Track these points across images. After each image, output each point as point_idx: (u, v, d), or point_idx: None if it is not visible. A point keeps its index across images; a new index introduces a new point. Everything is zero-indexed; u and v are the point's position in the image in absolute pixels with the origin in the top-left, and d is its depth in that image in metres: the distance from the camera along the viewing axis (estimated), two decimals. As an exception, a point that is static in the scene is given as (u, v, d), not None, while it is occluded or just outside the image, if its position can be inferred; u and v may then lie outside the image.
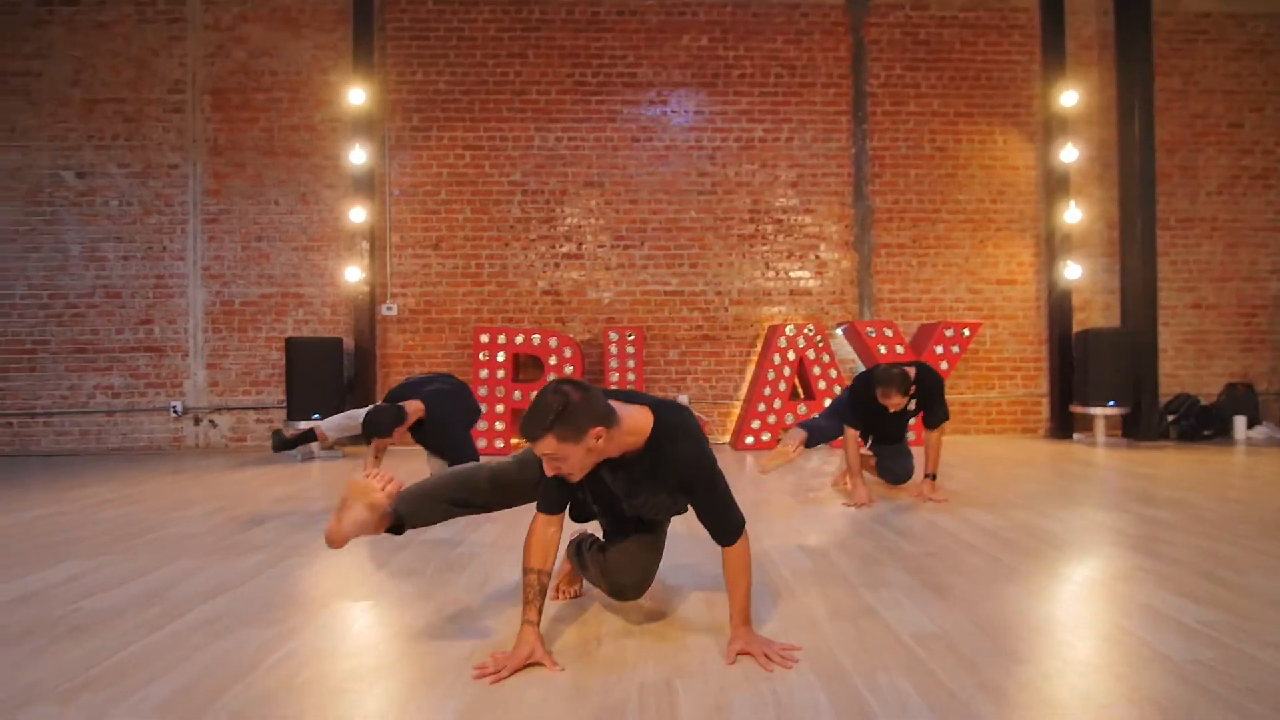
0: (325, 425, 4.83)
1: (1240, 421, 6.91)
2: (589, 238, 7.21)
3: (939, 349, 6.68)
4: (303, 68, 7.13)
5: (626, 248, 7.21)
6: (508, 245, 7.17)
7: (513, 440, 6.57)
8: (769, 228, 7.27)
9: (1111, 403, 6.63)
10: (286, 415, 6.36)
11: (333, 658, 2.03)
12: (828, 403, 6.51)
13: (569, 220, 7.20)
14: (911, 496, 4.20)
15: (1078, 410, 6.93)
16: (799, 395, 6.95)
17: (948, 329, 6.73)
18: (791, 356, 6.70)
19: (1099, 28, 7.34)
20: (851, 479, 4.11)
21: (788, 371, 6.70)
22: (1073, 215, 7.13)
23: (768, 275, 7.27)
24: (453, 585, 2.67)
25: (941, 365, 6.64)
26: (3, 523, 3.83)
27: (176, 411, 7.01)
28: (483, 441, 6.41)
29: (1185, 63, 7.34)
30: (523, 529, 2.16)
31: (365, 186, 6.99)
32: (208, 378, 7.06)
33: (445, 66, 7.16)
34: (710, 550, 2.99)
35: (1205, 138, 7.36)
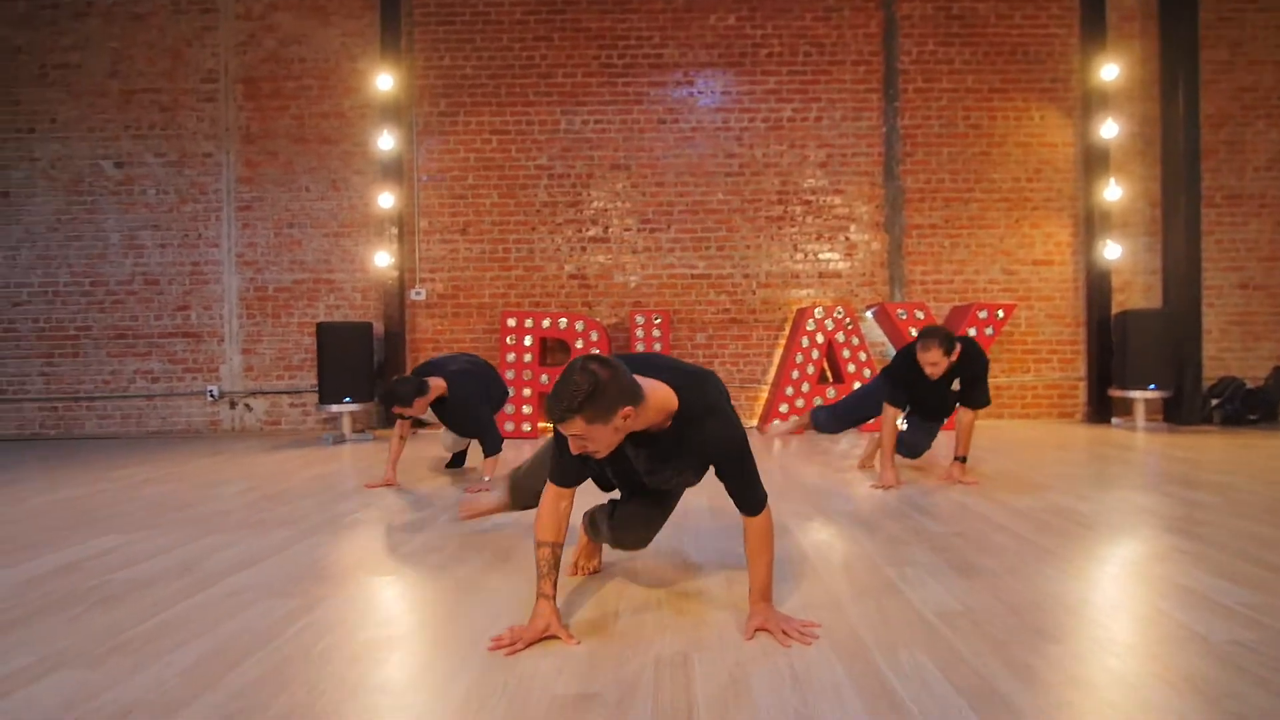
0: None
1: (1289, 405, 6.66)
2: (615, 221, 7.18)
3: (972, 331, 6.52)
4: (331, 55, 7.19)
5: (653, 231, 7.17)
6: (534, 229, 7.17)
7: (540, 424, 6.60)
8: (797, 209, 7.16)
9: (1152, 386, 6.43)
10: (319, 400, 6.46)
11: (352, 628, 2.05)
12: (856, 385, 6.43)
13: (595, 204, 7.17)
14: (940, 479, 4.12)
15: (1116, 394, 6.73)
16: (827, 378, 6.87)
17: (981, 310, 6.57)
18: (820, 339, 6.62)
19: (1142, -2, 7.08)
20: (883, 460, 4.03)
21: (816, 355, 6.61)
22: (1113, 193, 6.90)
23: (796, 257, 7.17)
24: (472, 562, 2.69)
25: (974, 348, 6.49)
26: (49, 500, 3.97)
27: (213, 396, 7.16)
28: (510, 425, 6.45)
29: (1233, 32, 7.04)
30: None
31: (394, 172, 7.04)
32: (243, 363, 7.20)
33: (471, 51, 7.16)
34: (734, 529, 2.97)
35: (1254, 111, 7.06)
